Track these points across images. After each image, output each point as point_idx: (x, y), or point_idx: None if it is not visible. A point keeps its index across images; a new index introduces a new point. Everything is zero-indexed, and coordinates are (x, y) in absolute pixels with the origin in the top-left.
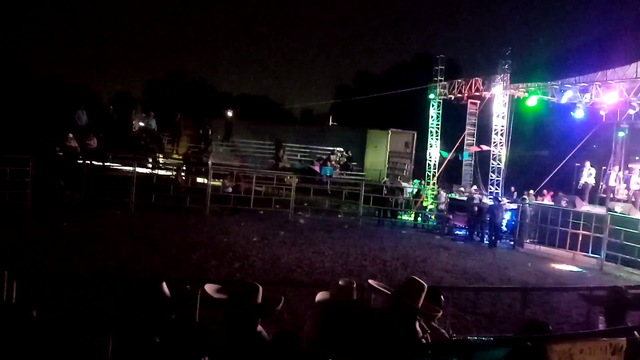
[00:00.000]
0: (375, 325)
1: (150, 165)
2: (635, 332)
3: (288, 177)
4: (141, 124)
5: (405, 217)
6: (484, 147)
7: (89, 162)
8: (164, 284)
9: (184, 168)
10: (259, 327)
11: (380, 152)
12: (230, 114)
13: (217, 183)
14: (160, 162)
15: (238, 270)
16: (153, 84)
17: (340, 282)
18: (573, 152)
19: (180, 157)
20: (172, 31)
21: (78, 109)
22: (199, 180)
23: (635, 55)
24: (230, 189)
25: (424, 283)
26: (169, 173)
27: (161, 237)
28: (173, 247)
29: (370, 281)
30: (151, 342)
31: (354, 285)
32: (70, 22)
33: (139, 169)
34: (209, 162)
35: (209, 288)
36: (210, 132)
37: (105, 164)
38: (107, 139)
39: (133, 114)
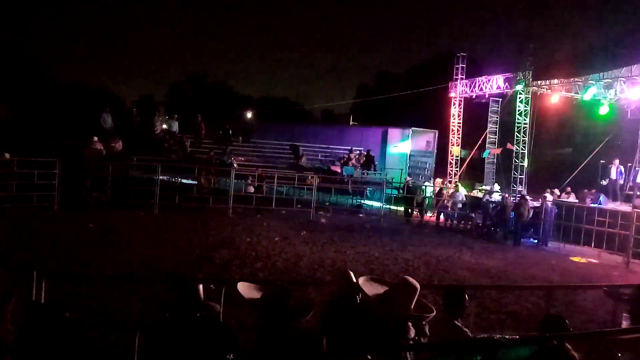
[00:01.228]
0: (366, 324)
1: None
2: None
3: (310, 177)
4: (164, 126)
5: (427, 216)
6: (509, 147)
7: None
8: (200, 286)
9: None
10: None
11: (401, 151)
12: (250, 115)
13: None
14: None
15: (260, 270)
16: (176, 87)
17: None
18: (597, 149)
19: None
20: (194, 35)
21: (103, 112)
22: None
23: None
24: (252, 189)
25: (416, 285)
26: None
27: (185, 238)
28: (196, 247)
29: (360, 279)
30: (177, 340)
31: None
32: (95, 29)
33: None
34: (234, 163)
35: (242, 287)
36: (230, 133)
37: None
38: (130, 142)
39: (156, 117)
